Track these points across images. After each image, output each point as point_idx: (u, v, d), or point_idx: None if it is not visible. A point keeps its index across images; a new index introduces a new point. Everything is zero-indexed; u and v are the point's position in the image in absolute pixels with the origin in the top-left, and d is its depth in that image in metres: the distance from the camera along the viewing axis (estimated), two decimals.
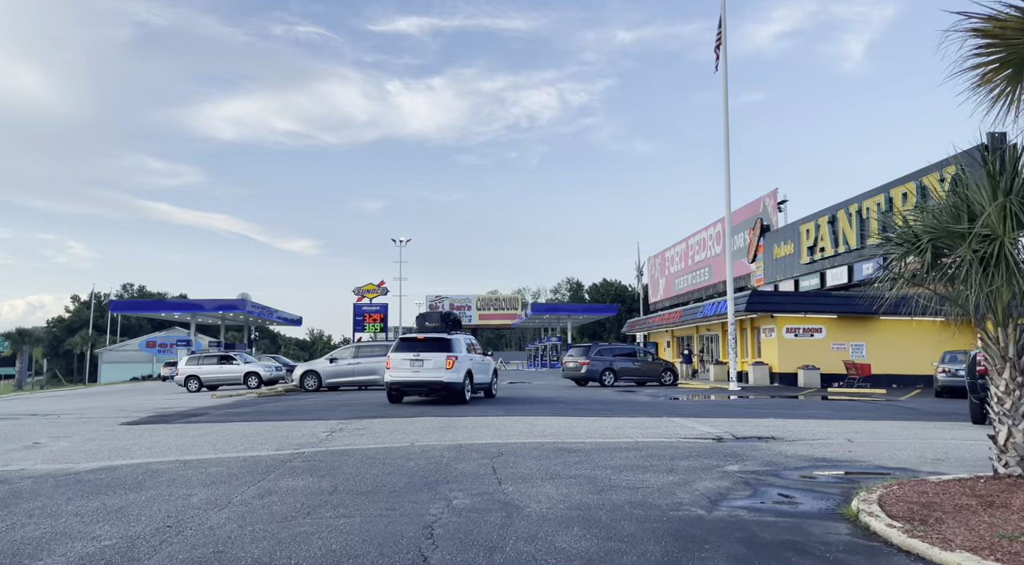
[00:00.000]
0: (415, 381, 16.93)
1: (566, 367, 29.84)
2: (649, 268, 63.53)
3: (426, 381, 16.81)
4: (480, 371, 18.85)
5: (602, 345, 29.71)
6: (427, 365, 16.74)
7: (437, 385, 16.80)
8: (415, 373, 16.85)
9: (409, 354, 17.05)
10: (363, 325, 53.64)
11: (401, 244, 56.96)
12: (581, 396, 22.37)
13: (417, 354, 16.96)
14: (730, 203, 26.82)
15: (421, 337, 17.60)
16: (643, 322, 43.88)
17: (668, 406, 17.38)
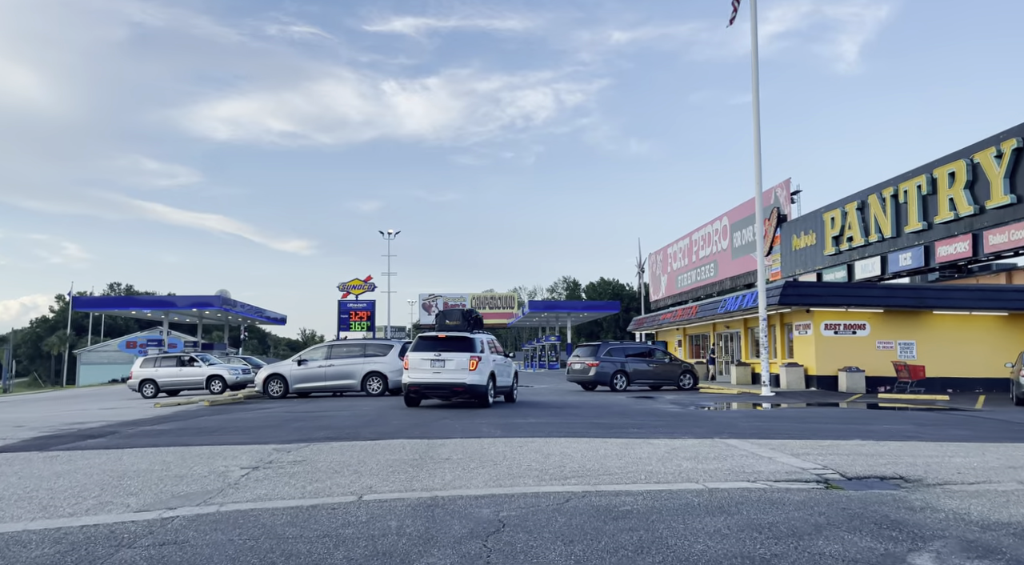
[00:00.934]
0: (436, 383, 15.85)
1: (572, 369, 26.28)
2: (650, 265, 60.34)
3: (448, 383, 15.78)
4: (502, 373, 17.69)
5: (612, 344, 26.14)
6: (449, 366, 15.76)
7: (459, 387, 15.76)
8: (436, 374, 15.83)
9: (429, 354, 15.92)
10: (348, 323, 49.97)
11: (390, 237, 53.37)
12: (593, 402, 18.81)
13: (438, 354, 15.90)
14: (761, 179, 23.29)
15: (442, 336, 16.34)
16: (651, 319, 40.35)
17: (707, 419, 13.82)
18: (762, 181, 23.50)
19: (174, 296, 47.50)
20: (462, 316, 18.31)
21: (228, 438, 10.97)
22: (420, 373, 15.94)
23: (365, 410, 16.21)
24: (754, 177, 22.88)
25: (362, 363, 21.85)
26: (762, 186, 23.79)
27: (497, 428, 11.92)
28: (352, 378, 21.81)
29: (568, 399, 21.38)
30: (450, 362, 15.81)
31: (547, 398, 22.48)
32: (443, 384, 15.87)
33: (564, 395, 23.67)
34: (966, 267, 29.85)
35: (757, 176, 22.99)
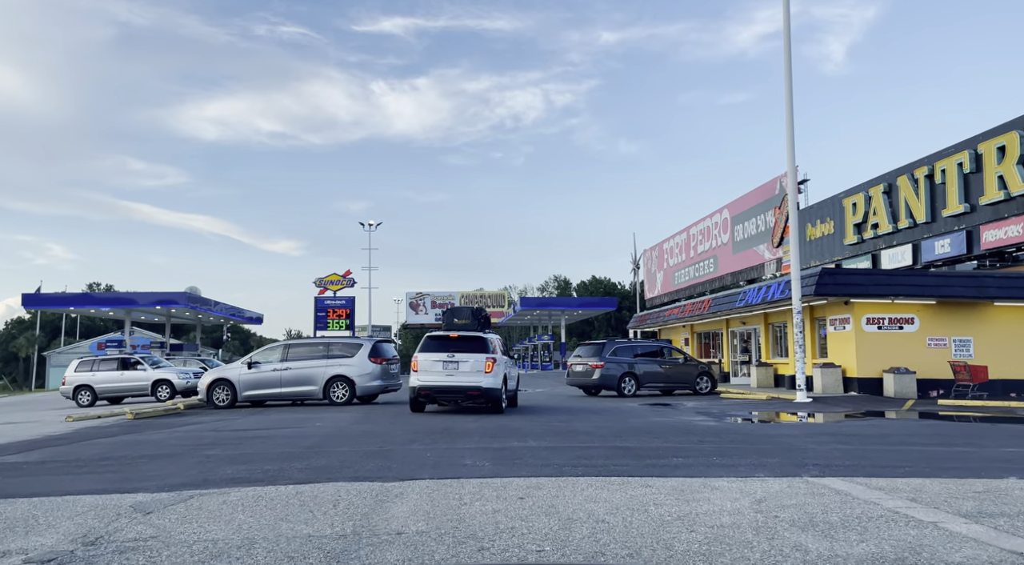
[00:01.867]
0: (449, 386, 14.91)
1: (573, 372, 22.86)
2: (645, 261, 57.06)
3: (462, 386, 14.88)
4: (511, 376, 16.99)
5: (619, 342, 22.75)
6: (463, 368, 14.88)
7: (475, 391, 14.91)
8: (449, 377, 14.89)
9: (442, 355, 14.99)
10: (326, 322, 46.39)
11: (370, 228, 49.69)
12: (603, 411, 15.45)
13: (451, 355, 14.98)
14: (793, 150, 19.92)
15: (454, 335, 15.41)
16: (654, 316, 36.98)
17: (763, 440, 10.44)
18: (794, 156, 20.17)
19: (135, 293, 43.75)
20: (472, 314, 17.03)
21: (87, 480, 7.47)
22: (431, 376, 14.85)
23: (317, 427, 12.73)
24: (786, 153, 19.58)
25: (324, 366, 18.36)
26: (794, 160, 20.45)
27: (486, 458, 8.47)
28: (312, 384, 18.32)
29: (572, 405, 17.98)
30: (464, 364, 14.80)
31: (547, 403, 19.07)
32: (457, 387, 14.84)
33: (566, 401, 20.28)
34: (1012, 256, 26.60)
35: (789, 148, 19.65)
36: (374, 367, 18.28)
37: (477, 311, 17.49)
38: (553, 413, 15.89)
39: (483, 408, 15.79)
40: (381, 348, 18.92)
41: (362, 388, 18.29)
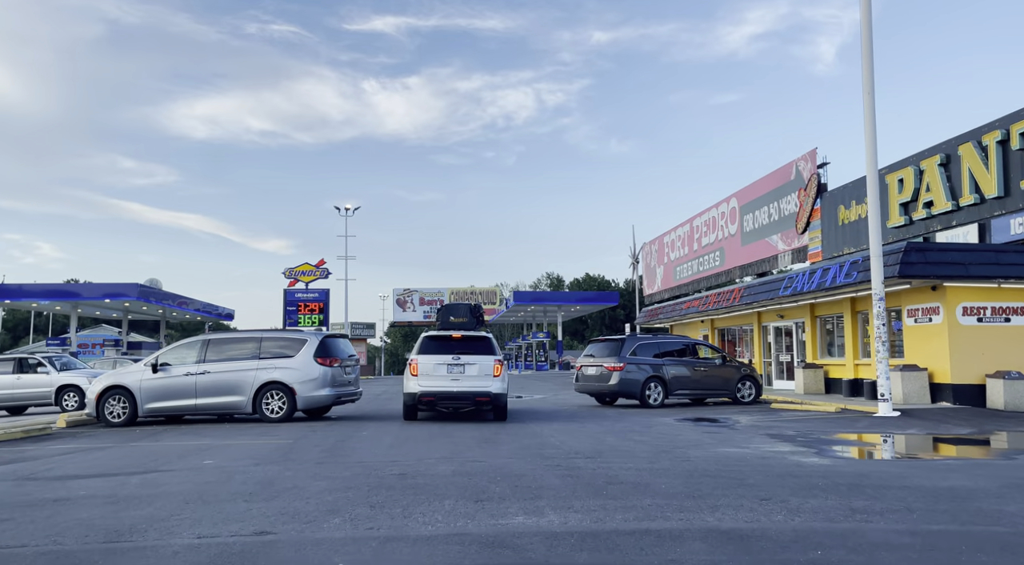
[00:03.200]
0: (455, 392, 13.56)
1: (584, 376, 18.16)
2: (644, 256, 52.83)
3: (469, 392, 13.56)
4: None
5: (642, 339, 18.10)
6: (470, 372, 13.58)
7: (482, 397, 13.59)
8: (454, 382, 13.53)
9: (446, 357, 13.66)
10: (296, 317, 41.57)
11: (347, 214, 44.75)
12: (634, 430, 10.69)
13: (456, 357, 13.65)
14: (874, 119, 15.30)
15: (457, 336, 14.09)
16: (669, 309, 32.36)
17: (950, 501, 5.77)
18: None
19: (79, 284, 38.82)
20: (469, 311, 15.62)
21: None
22: (434, 381, 13.60)
23: (185, 477, 7.94)
24: (864, 120, 14.96)
25: (255, 369, 13.58)
26: (876, 134, 15.84)
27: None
28: (238, 393, 13.54)
29: (589, 422, 13.34)
30: (471, 367, 13.70)
31: (554, 416, 14.41)
32: (463, 393, 13.68)
33: (577, 413, 15.66)
34: None
35: (869, 117, 15.03)
36: (322, 370, 13.57)
37: (474, 308, 15.85)
38: (568, 435, 11.24)
39: (475, 415, 14.81)
40: (332, 345, 14.19)
41: (305, 399, 13.57)
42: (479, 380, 13.67)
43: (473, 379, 13.67)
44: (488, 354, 13.89)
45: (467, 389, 13.62)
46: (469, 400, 13.80)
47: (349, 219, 49.73)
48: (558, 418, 14.75)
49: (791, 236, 31.17)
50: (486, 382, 13.64)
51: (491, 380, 13.67)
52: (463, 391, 13.62)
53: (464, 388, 13.62)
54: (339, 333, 14.95)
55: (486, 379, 13.66)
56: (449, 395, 13.68)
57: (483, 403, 13.80)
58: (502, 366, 13.90)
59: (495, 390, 13.65)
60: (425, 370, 13.64)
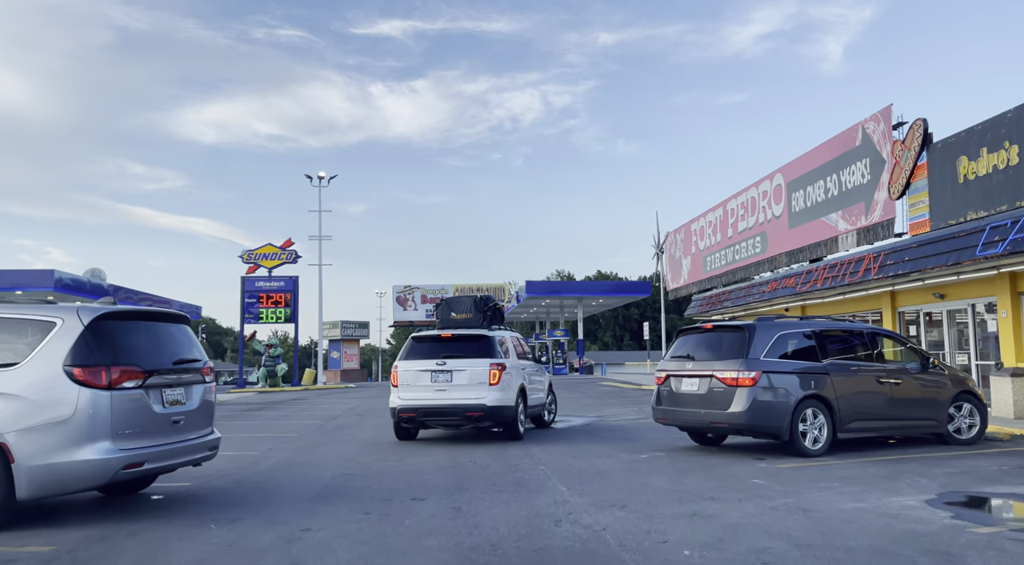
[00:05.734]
0: (439, 406, 10.99)
1: (674, 396, 9.75)
2: (668, 247, 45.43)
3: (457, 405, 10.93)
4: (534, 387, 12.55)
5: (786, 325, 9.76)
6: (458, 379, 11.06)
7: (475, 411, 10.91)
8: (440, 393, 11.05)
9: (429, 363, 11.17)
10: (256, 311, 33.48)
11: (320, 183, 36.54)
12: None
13: (442, 362, 11.13)
14: None
15: (446, 335, 11.47)
16: (738, 294, 24.25)
17: None
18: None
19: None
20: (474, 305, 12.47)
21: None
22: (416, 392, 11.07)
23: None
24: None
25: None
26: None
27: None
28: None
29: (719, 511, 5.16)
30: (460, 374, 11.03)
31: (609, 480, 6.07)
32: (450, 407, 10.92)
33: (673, 464, 7.47)
34: None
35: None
36: (85, 399, 5.41)
37: (481, 301, 12.61)
38: None
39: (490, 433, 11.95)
40: (121, 333, 6.06)
41: (36, 476, 5.37)
42: (469, 390, 11.07)
43: (462, 389, 11.09)
44: (483, 356, 11.20)
45: (454, 402, 11.04)
46: (458, 415, 11.11)
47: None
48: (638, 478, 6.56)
49: (856, 213, 23.53)
50: (478, 392, 11.02)
51: (486, 390, 11.02)
52: (449, 404, 11.05)
53: (451, 401, 11.06)
54: (158, 310, 6.71)
55: (478, 388, 11.05)
56: (433, 410, 11.12)
57: (476, 419, 11.12)
58: (502, 371, 11.09)
59: (491, 402, 10.97)
60: (406, 379, 11.28)
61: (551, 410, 13.63)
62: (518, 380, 11.41)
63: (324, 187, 36.79)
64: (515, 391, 11.18)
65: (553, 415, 13.73)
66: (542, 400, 13.01)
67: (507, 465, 8.69)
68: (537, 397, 12.64)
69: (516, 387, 11.24)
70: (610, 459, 9.08)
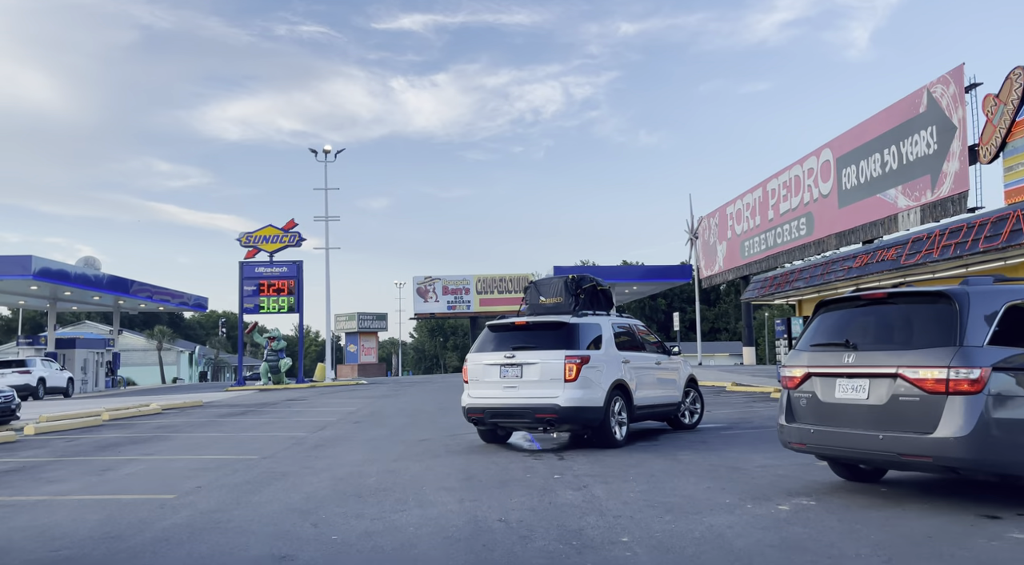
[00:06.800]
0: (508, 406, 9.45)
1: (833, 409, 6.03)
2: (701, 232, 42.16)
3: (527, 406, 9.30)
4: (648, 382, 10.52)
5: (1017, 291, 6.07)
6: (529, 375, 9.43)
7: (546, 412, 9.16)
8: (509, 391, 9.48)
9: (498, 356, 9.67)
10: (256, 299, 30.25)
11: (326, 158, 33.15)
12: None
13: (511, 355, 9.56)
14: None
15: (520, 322, 9.95)
16: (817, 270, 20.46)
17: None
18: None
19: None
20: (564, 288, 10.48)
21: None
22: (485, 390, 9.69)
23: None
24: None
25: None
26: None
27: None
28: None
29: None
30: (530, 368, 9.38)
31: None
32: (519, 407, 9.35)
33: None
34: None
35: None
36: None
37: (573, 282, 10.50)
38: None
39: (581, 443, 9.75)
40: None
41: None
42: (541, 387, 9.25)
43: (532, 386, 9.31)
44: (559, 348, 9.26)
45: (523, 401, 9.28)
46: (527, 418, 9.35)
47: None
48: None
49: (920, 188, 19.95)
50: (551, 390, 9.14)
51: (560, 387, 9.13)
52: (518, 404, 9.34)
53: (520, 400, 9.34)
54: None
55: (551, 386, 9.17)
56: (502, 410, 9.49)
57: (549, 421, 9.21)
58: (581, 366, 9.17)
59: (566, 402, 9.02)
60: (475, 374, 9.85)
61: (694, 410, 11.61)
62: (612, 375, 9.58)
63: (331, 162, 33.36)
64: (604, 389, 9.38)
65: (698, 416, 11.65)
66: (669, 398, 11.04)
67: (563, 531, 5.12)
68: (658, 395, 10.75)
69: (607, 384, 9.45)
70: (731, 515, 5.48)
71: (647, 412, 10.51)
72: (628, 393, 9.83)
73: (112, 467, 8.71)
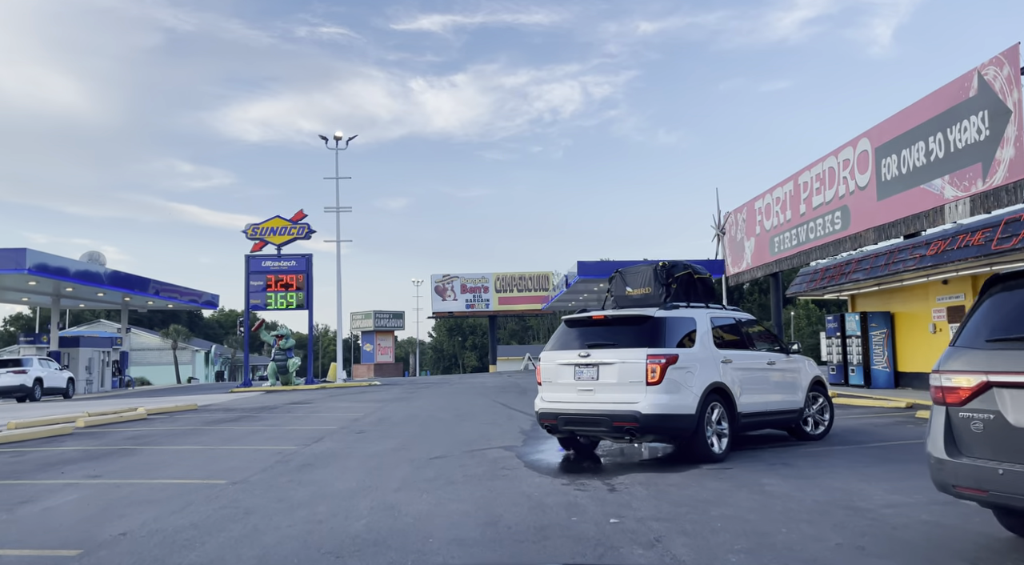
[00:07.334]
0: (583, 413, 8.25)
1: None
2: (728, 228, 39.91)
3: (604, 412, 8.05)
4: (757, 385, 9.11)
5: None
6: (606, 377, 8.16)
7: (625, 420, 7.85)
8: (584, 395, 8.30)
9: (571, 355, 8.48)
10: (264, 294, 28.52)
11: (337, 145, 31.33)
12: None
13: (586, 354, 8.34)
14: None
15: (599, 316, 8.72)
16: (880, 260, 18.30)
17: None
18: None
19: None
20: (653, 276, 9.15)
21: None
22: (558, 393, 8.57)
23: None
24: None
25: None
26: None
27: None
28: None
29: None
30: (607, 369, 8.13)
31: None
32: (595, 414, 8.11)
33: None
34: None
35: None
36: None
37: (663, 271, 9.07)
38: None
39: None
40: None
41: None
42: (618, 391, 7.97)
43: (609, 389, 8.06)
44: (639, 346, 7.95)
45: (599, 407, 8.06)
46: (604, 426, 8.08)
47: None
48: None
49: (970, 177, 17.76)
50: (630, 395, 7.84)
51: (641, 391, 7.79)
52: (593, 410, 8.11)
53: (596, 405, 8.11)
54: None
55: (631, 389, 7.85)
56: (576, 417, 8.30)
57: (630, 431, 7.85)
58: (667, 366, 7.75)
59: (648, 408, 7.69)
60: (548, 375, 8.76)
61: (820, 419, 10.12)
62: (708, 377, 8.30)
63: (342, 149, 31.53)
64: (697, 393, 8.10)
65: (825, 426, 10.11)
66: (786, 404, 9.57)
67: None
68: (770, 401, 9.32)
69: (701, 387, 8.16)
70: None
71: (756, 420, 9.16)
72: (729, 398, 8.54)
73: (35, 497, 6.84)
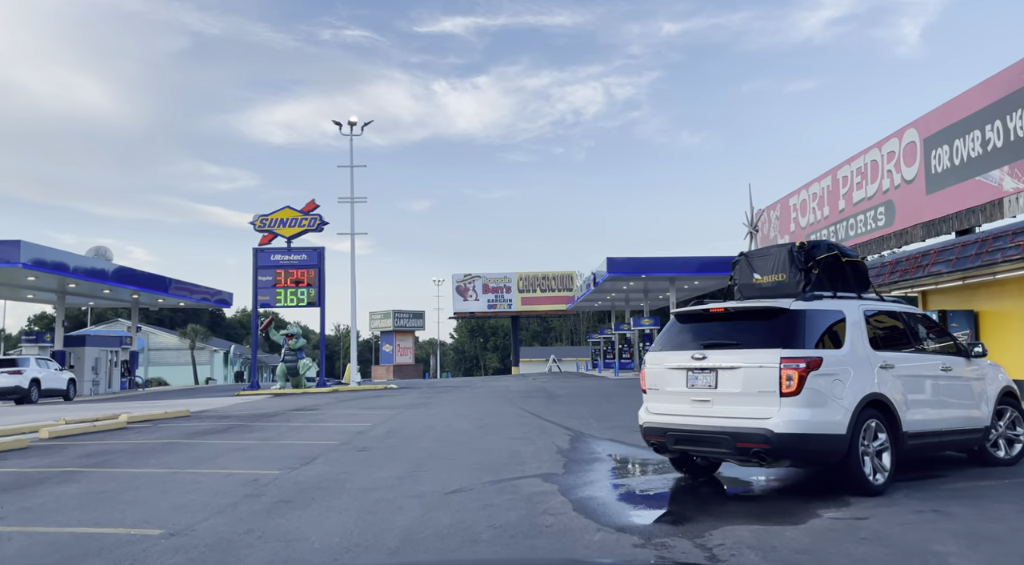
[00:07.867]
0: (697, 429, 6.60)
1: None
2: (761, 226, 37.55)
3: (724, 430, 6.37)
4: (928, 397, 7.26)
5: None
6: (726, 385, 6.50)
7: (752, 441, 6.18)
8: (699, 406, 6.66)
9: (683, 357, 6.87)
10: (272, 290, 26.63)
11: (351, 131, 29.38)
12: None
13: (701, 356, 6.72)
14: None
15: (718, 309, 7.05)
16: (968, 250, 16.01)
17: None
18: None
19: None
20: (789, 260, 7.39)
21: None
22: (667, 403, 6.98)
23: None
24: None
25: None
26: None
27: None
28: None
29: None
30: (728, 376, 6.46)
31: None
32: (711, 431, 6.45)
33: None
34: None
35: None
36: None
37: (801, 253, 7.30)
38: None
39: None
40: None
41: None
42: (745, 403, 6.28)
43: (732, 400, 6.36)
44: (770, 346, 6.28)
45: (719, 423, 6.37)
46: (726, 446, 6.36)
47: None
48: None
49: None
50: (760, 408, 6.16)
51: (774, 403, 6.10)
52: (712, 427, 6.41)
53: (715, 421, 6.42)
54: None
55: (761, 401, 6.18)
56: (688, 434, 6.63)
57: (756, 453, 6.14)
58: (807, 373, 6.06)
59: (783, 427, 6.00)
60: (654, 381, 7.13)
61: (1014, 438, 8.13)
62: (862, 387, 6.49)
63: (357, 136, 29.64)
64: (849, 407, 6.31)
65: (1021, 446, 8.15)
66: (967, 422, 7.59)
67: None
68: (946, 417, 7.37)
69: (854, 400, 6.37)
70: None
71: (927, 442, 7.22)
72: (891, 413, 6.70)
73: None
